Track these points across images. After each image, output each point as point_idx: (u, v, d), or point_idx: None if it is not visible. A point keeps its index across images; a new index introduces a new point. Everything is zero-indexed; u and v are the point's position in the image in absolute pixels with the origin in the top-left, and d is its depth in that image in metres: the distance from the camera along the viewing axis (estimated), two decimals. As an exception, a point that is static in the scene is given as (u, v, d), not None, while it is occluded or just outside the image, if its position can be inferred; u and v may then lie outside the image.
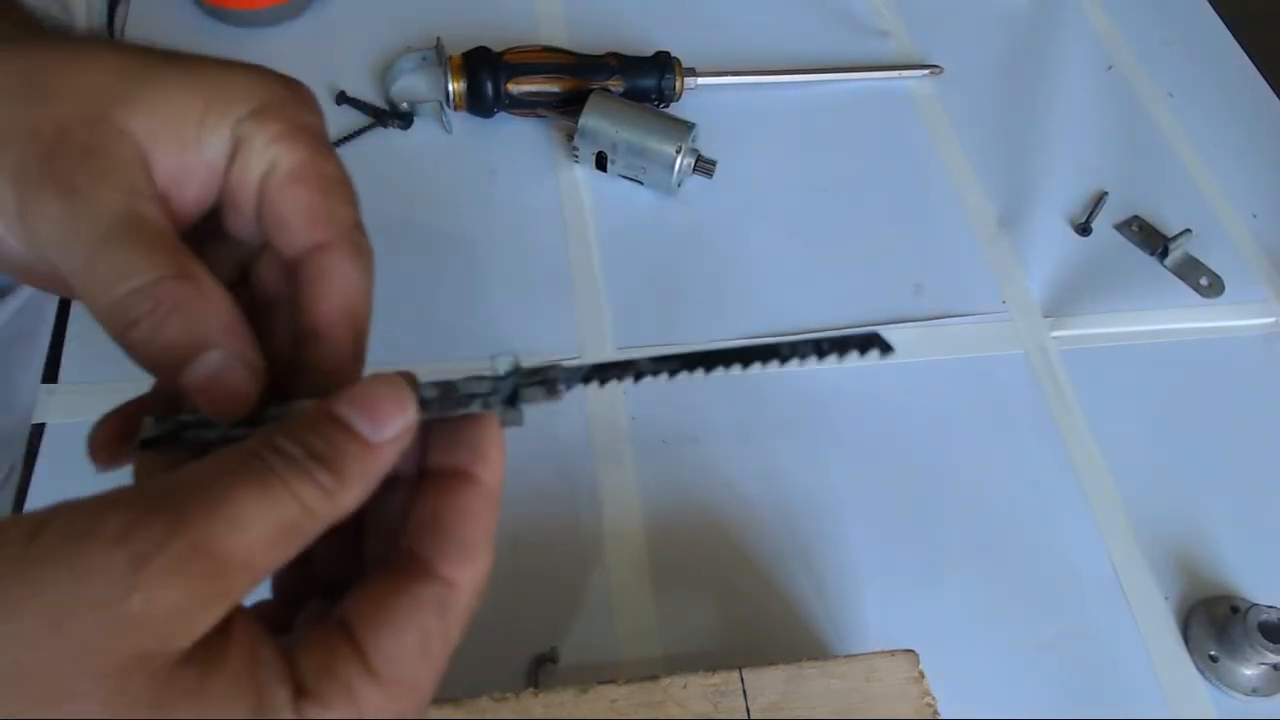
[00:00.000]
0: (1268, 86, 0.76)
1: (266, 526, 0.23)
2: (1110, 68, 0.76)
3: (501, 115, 0.67)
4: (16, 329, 0.67)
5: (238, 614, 0.23)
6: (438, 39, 0.67)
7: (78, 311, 0.54)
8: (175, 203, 0.29)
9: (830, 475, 0.54)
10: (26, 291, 0.67)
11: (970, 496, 0.55)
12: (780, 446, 0.55)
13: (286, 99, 0.30)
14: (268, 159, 0.29)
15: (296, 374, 0.29)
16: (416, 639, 0.25)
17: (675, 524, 0.52)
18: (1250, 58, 0.78)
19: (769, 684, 0.41)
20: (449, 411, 0.27)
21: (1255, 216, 0.69)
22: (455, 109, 0.66)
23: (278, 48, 0.69)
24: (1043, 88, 0.74)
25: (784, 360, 0.28)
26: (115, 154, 0.28)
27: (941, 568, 0.52)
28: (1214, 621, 0.50)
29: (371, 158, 0.64)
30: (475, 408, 0.27)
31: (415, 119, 0.66)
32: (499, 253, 0.61)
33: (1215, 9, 0.81)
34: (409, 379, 0.27)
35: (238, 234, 0.31)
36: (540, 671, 0.46)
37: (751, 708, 0.40)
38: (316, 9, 0.71)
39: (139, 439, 0.27)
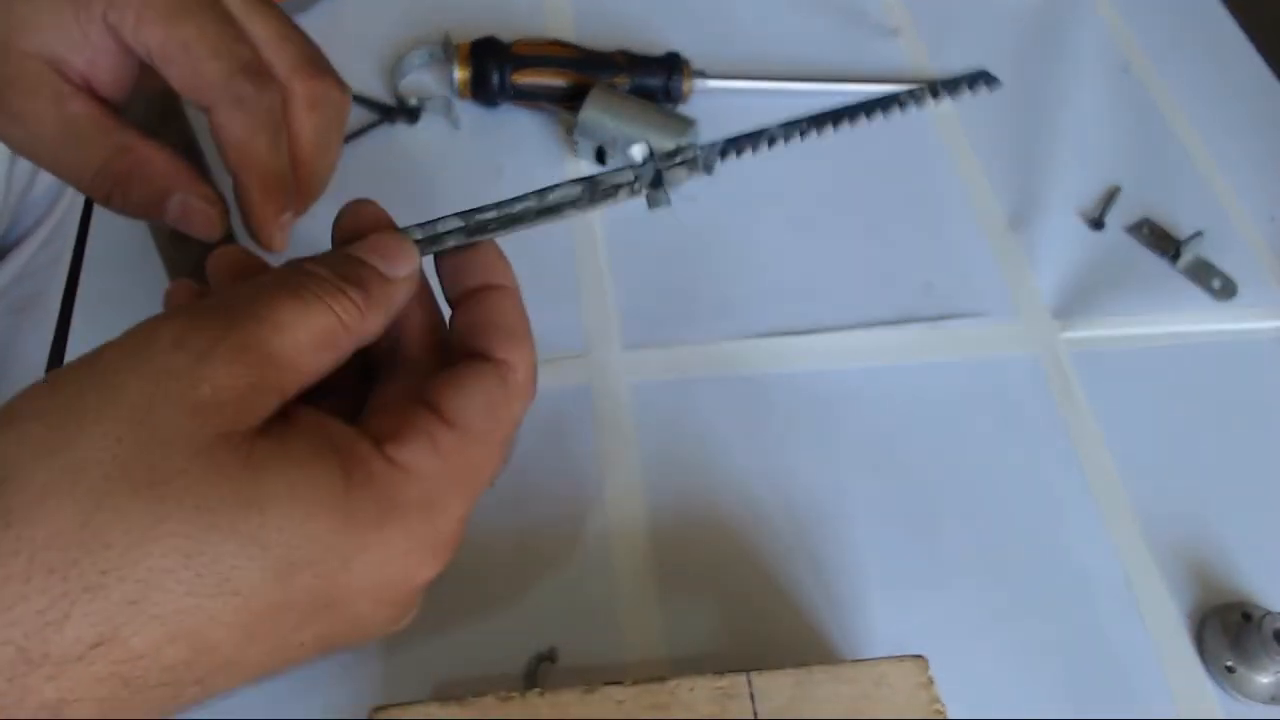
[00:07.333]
0: (1281, 89, 0.76)
1: (307, 332, 0.26)
2: (1127, 70, 0.75)
3: (508, 108, 0.67)
4: (26, 292, 0.67)
5: (294, 404, 0.26)
6: (446, 35, 0.66)
7: (82, 301, 0.54)
8: (100, 84, 0.34)
9: (837, 476, 0.54)
10: (26, 253, 0.67)
11: (979, 499, 0.54)
12: (787, 447, 0.55)
13: None
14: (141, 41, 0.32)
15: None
16: (484, 399, 0.27)
17: (680, 525, 0.52)
18: (1264, 60, 0.78)
19: (777, 688, 0.40)
20: (597, 204, 0.31)
21: (1274, 219, 0.68)
22: (460, 96, 0.65)
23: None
24: (1054, 87, 0.73)
25: (903, 107, 0.32)
26: (31, 72, 0.34)
27: (950, 571, 0.52)
28: (1227, 629, 0.50)
29: (379, 154, 0.63)
30: (622, 196, 0.30)
31: (422, 114, 0.65)
32: (505, 247, 0.61)
33: (1230, 11, 0.81)
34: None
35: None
36: (539, 671, 0.46)
37: (759, 711, 0.39)
38: (323, 5, 0.71)
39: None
